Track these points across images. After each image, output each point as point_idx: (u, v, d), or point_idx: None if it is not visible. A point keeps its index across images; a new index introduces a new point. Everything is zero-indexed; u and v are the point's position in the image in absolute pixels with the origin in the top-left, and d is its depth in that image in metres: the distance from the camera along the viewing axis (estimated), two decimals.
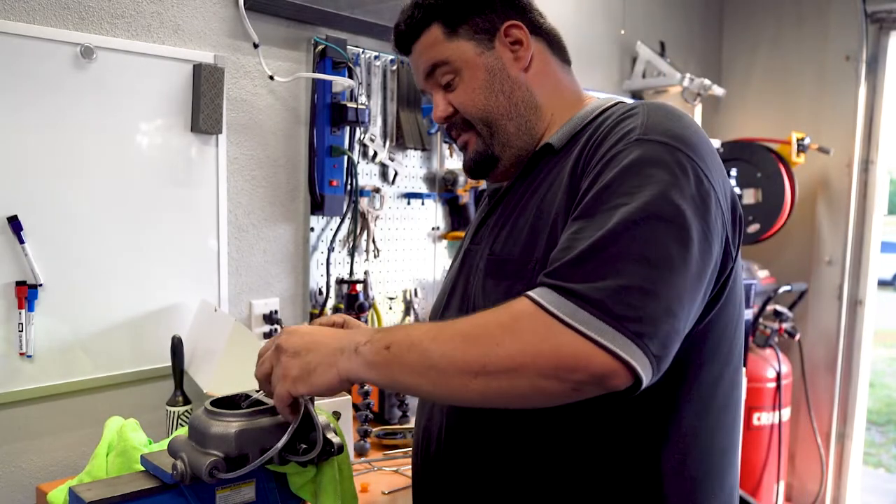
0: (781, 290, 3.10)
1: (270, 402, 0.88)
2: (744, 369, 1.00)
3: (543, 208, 0.91)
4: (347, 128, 1.99)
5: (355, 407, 1.78)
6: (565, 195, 0.87)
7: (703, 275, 0.79)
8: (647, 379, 0.73)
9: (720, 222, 0.82)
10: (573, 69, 1.08)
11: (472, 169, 1.03)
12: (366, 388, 1.81)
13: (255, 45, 1.80)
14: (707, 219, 0.79)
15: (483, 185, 2.42)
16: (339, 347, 0.81)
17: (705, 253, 0.78)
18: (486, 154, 1.01)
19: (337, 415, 0.98)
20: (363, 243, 2.10)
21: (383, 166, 2.14)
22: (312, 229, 1.98)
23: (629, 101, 0.99)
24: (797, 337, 3.15)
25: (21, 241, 1.46)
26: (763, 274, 3.23)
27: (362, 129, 2.05)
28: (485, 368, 0.73)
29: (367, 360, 0.78)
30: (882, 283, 5.85)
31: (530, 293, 0.76)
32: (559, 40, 1.06)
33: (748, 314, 2.77)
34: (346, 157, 1.98)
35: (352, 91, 1.96)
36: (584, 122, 0.96)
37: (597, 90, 2.63)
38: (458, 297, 1.01)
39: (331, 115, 1.93)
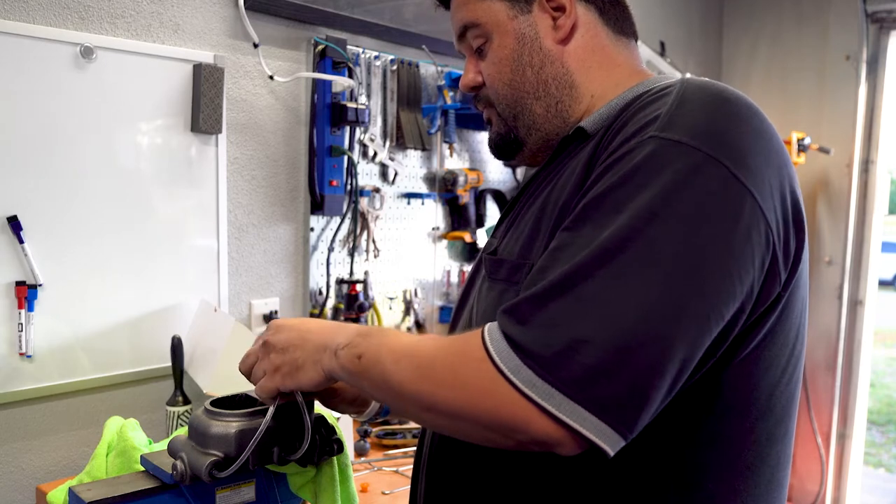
0: None
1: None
2: (794, 420, 0.82)
3: (549, 203, 0.80)
4: (347, 128, 1.99)
5: None
6: (574, 188, 0.76)
7: (704, 312, 0.66)
8: (609, 445, 0.63)
9: (758, 238, 0.68)
10: None
11: (494, 150, 0.94)
12: None
13: (255, 45, 1.80)
14: (726, 240, 0.66)
15: (482, 184, 2.42)
16: (323, 345, 0.81)
17: (711, 282, 0.66)
18: (508, 138, 0.91)
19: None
20: (363, 243, 2.10)
21: (383, 166, 2.14)
22: (312, 229, 1.98)
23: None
24: None
25: (21, 241, 1.46)
26: None
27: (362, 129, 2.04)
28: (433, 407, 0.69)
29: (342, 365, 0.78)
30: (882, 283, 5.84)
31: (486, 332, 0.68)
32: (621, 9, 0.90)
33: None
34: (346, 157, 1.98)
35: (352, 91, 1.96)
36: (625, 104, 0.80)
37: None
38: (470, 297, 0.96)
39: (331, 115, 1.93)
